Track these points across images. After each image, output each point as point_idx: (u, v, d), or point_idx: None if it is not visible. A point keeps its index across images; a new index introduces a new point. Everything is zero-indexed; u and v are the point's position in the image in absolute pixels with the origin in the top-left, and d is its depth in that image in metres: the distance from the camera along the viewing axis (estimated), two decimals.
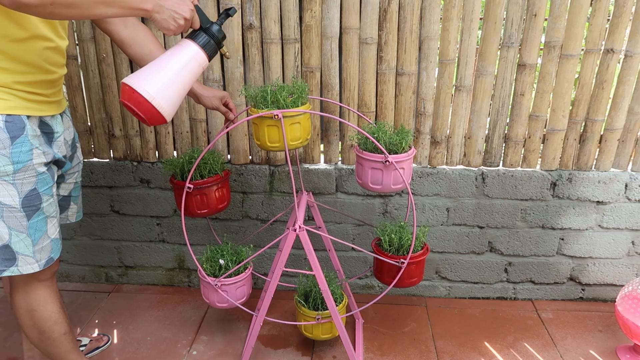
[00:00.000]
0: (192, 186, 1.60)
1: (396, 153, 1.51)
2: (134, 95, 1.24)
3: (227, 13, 1.39)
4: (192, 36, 1.34)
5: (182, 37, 1.51)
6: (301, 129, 1.51)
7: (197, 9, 1.31)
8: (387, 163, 1.47)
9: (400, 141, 1.52)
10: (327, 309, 1.67)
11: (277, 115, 1.44)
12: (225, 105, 1.66)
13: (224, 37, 1.37)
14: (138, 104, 1.25)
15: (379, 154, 1.49)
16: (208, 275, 1.68)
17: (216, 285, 1.64)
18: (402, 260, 1.61)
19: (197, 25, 1.32)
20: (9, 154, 1.22)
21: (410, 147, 1.56)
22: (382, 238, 1.70)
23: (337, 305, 1.65)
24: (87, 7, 1.13)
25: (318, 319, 1.70)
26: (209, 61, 1.37)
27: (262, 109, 1.48)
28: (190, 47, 1.32)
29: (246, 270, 1.72)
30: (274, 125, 1.48)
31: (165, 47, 1.89)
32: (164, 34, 1.87)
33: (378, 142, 1.50)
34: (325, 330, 1.77)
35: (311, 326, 1.76)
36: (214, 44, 1.35)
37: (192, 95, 1.66)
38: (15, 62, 1.21)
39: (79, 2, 1.11)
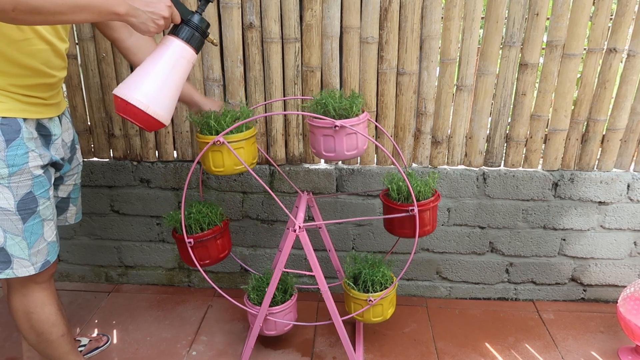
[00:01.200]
0: (192, 240, 1.61)
1: (347, 118, 1.48)
2: (129, 107, 1.21)
3: (206, 0, 1.33)
4: (175, 32, 1.27)
5: (163, 33, 1.47)
6: (245, 154, 1.53)
7: (175, 1, 1.24)
8: (337, 128, 1.44)
9: (350, 105, 1.48)
10: (377, 292, 1.65)
11: (220, 141, 1.45)
12: None
13: (208, 25, 1.31)
14: (134, 115, 1.23)
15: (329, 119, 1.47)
16: (255, 304, 1.72)
17: (266, 315, 1.67)
18: (411, 208, 1.53)
19: (177, 20, 1.26)
20: (4, 157, 1.21)
21: (362, 112, 1.53)
22: (389, 187, 1.62)
23: (387, 288, 1.65)
24: (52, 13, 1.06)
25: (370, 301, 1.63)
26: (197, 54, 1.31)
27: (206, 134, 1.50)
28: (175, 44, 1.26)
29: (292, 297, 1.74)
30: (217, 151, 1.49)
31: None
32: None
33: (327, 107, 1.47)
34: (377, 313, 1.68)
35: (361, 309, 1.68)
36: (198, 36, 1.29)
37: (193, 105, 1.65)
38: (12, 65, 1.19)
39: (44, 8, 1.04)
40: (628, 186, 1.98)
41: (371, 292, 1.65)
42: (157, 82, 1.24)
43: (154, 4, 1.19)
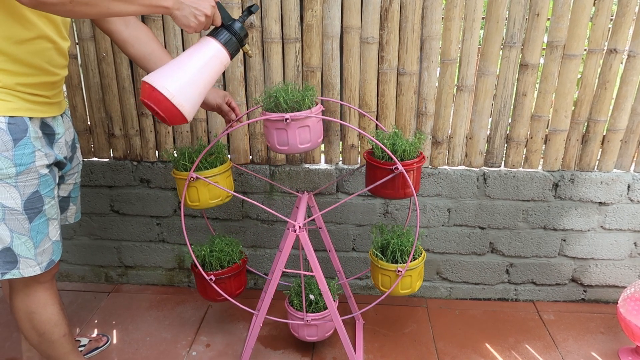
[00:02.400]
0: (213, 277, 1.66)
1: (299, 111, 1.48)
2: (154, 93, 1.23)
3: (249, 10, 1.37)
4: (214, 33, 1.31)
5: (200, 35, 1.49)
6: (219, 188, 1.58)
7: (219, 5, 1.29)
8: (288, 121, 1.45)
9: (302, 98, 1.48)
10: (405, 262, 1.60)
11: (194, 177, 1.51)
12: (228, 104, 1.65)
13: (247, 34, 1.35)
14: (158, 102, 1.23)
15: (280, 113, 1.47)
16: (297, 310, 1.72)
17: (307, 321, 1.67)
18: (395, 166, 1.49)
19: (218, 22, 1.30)
20: (12, 156, 1.21)
21: (316, 104, 1.52)
22: (373, 145, 1.59)
23: (416, 259, 1.62)
24: (106, 5, 1.11)
25: (399, 272, 1.58)
26: (231, 59, 1.34)
27: (182, 170, 1.56)
28: (212, 44, 1.30)
29: (335, 302, 1.70)
30: (192, 186, 1.54)
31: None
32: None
33: (278, 100, 1.47)
34: (405, 285, 1.63)
35: (389, 281, 1.63)
36: (235, 42, 1.33)
37: None
38: (18, 64, 1.20)
39: None
40: (628, 187, 1.98)
41: (400, 263, 1.61)
42: (187, 75, 1.26)
43: (200, 1, 1.23)
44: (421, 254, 1.67)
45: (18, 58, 1.19)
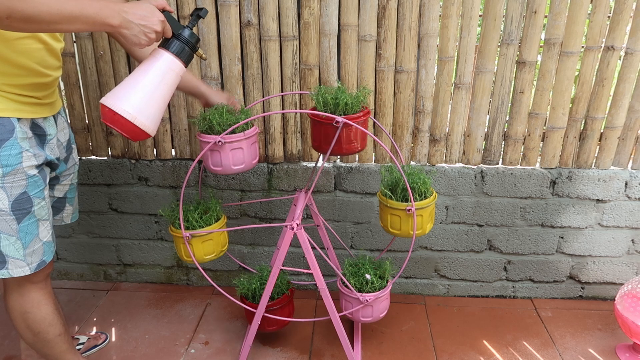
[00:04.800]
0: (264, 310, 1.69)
1: (234, 133, 1.50)
2: (116, 117, 1.22)
3: (197, 15, 1.35)
4: (165, 45, 1.29)
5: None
6: (214, 245, 1.63)
7: (167, 16, 1.27)
8: (220, 143, 1.47)
9: (236, 121, 1.50)
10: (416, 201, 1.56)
11: (188, 236, 1.56)
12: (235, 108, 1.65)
13: (198, 39, 1.34)
14: (121, 125, 1.23)
15: (214, 135, 1.49)
16: (355, 290, 1.68)
17: (366, 301, 1.64)
18: (336, 120, 1.45)
19: (169, 34, 1.28)
20: None
21: (252, 126, 1.55)
22: (315, 99, 1.55)
23: (427, 198, 1.57)
24: (46, 22, 1.07)
25: (409, 210, 1.53)
26: (186, 67, 1.34)
27: (178, 227, 1.60)
28: (165, 57, 1.28)
29: (388, 284, 1.70)
30: (188, 243, 1.59)
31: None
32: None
33: (211, 123, 1.50)
34: (416, 225, 1.57)
35: (399, 222, 1.58)
36: (188, 50, 1.31)
37: (200, 96, 1.64)
38: (6, 64, 1.19)
39: (39, 17, 1.06)
40: (626, 184, 1.98)
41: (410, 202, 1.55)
42: (145, 94, 1.25)
43: (148, 17, 1.20)
44: (432, 193, 1.60)
45: (6, 58, 1.18)
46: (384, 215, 1.64)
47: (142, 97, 1.25)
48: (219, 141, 1.46)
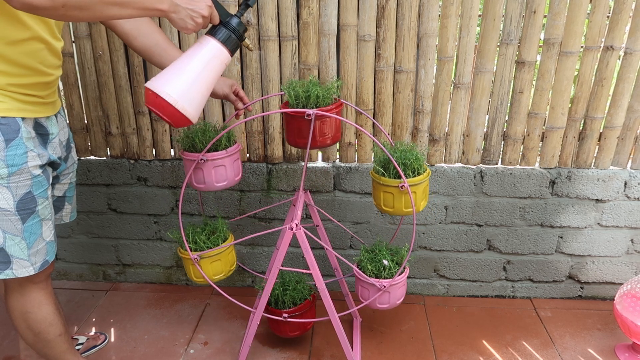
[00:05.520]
0: (287, 315, 1.71)
1: (216, 150, 1.53)
2: (158, 100, 1.23)
3: (246, 4, 1.36)
4: (212, 32, 1.30)
5: (198, 34, 1.50)
6: (222, 265, 1.65)
7: (215, 2, 1.28)
8: (202, 161, 1.50)
9: (219, 139, 1.54)
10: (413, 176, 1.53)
11: (196, 258, 1.58)
12: (236, 93, 1.64)
13: (245, 29, 1.34)
14: (162, 108, 1.24)
15: (196, 153, 1.52)
16: (370, 276, 1.67)
17: (383, 287, 1.62)
18: (307, 113, 1.44)
19: (216, 20, 1.29)
20: (4, 157, 1.21)
21: (234, 143, 1.58)
22: (287, 92, 1.54)
23: (420, 174, 1.54)
24: (99, 9, 1.11)
25: (402, 187, 1.49)
26: (232, 56, 1.34)
27: (185, 251, 1.62)
28: (211, 44, 1.29)
29: (406, 270, 1.67)
30: (197, 264, 1.61)
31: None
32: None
33: (194, 141, 1.54)
34: (409, 202, 1.52)
35: (392, 199, 1.54)
36: (235, 39, 1.32)
37: None
38: (11, 65, 1.19)
39: (91, 3, 1.09)
40: (625, 184, 1.98)
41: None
42: (188, 79, 1.26)
43: (196, 2, 1.22)
44: (425, 170, 1.57)
45: (10, 59, 1.19)
46: (376, 193, 1.60)
47: (185, 82, 1.25)
48: (202, 159, 1.49)
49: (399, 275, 1.63)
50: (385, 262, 1.64)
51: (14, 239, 1.28)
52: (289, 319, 1.70)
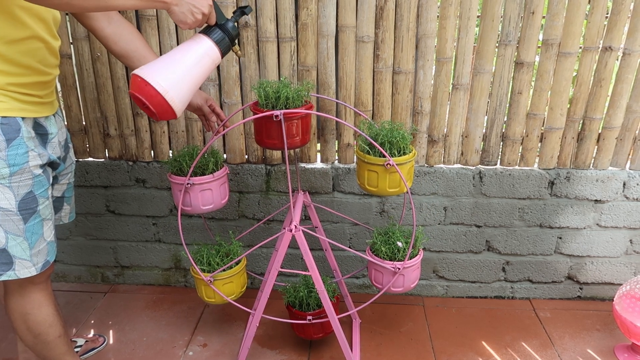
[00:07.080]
0: (311, 317, 1.72)
1: (202, 175, 1.58)
2: (146, 88, 1.22)
3: (242, 10, 1.38)
4: (207, 32, 1.32)
5: (195, 31, 1.50)
6: (234, 286, 1.68)
7: (214, 4, 1.30)
8: (189, 185, 1.54)
9: (205, 163, 1.59)
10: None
11: (210, 279, 1.62)
12: (212, 108, 1.64)
13: (238, 34, 1.36)
14: (150, 97, 1.23)
15: (183, 176, 1.56)
16: (384, 259, 1.61)
17: (398, 269, 1.57)
18: (276, 114, 1.44)
19: (213, 20, 1.31)
20: (5, 157, 1.21)
21: (222, 167, 1.62)
22: (257, 92, 1.53)
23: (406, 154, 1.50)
24: (105, 0, 1.13)
25: (387, 165, 1.44)
26: (222, 58, 1.35)
27: (197, 274, 1.65)
28: (205, 42, 1.31)
29: (419, 252, 1.64)
30: (207, 285, 1.65)
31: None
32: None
33: (181, 165, 1.58)
34: (394, 182, 1.48)
35: (377, 179, 1.50)
36: (228, 41, 1.34)
37: None
38: (10, 64, 1.20)
39: None
40: (624, 184, 1.98)
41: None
42: (180, 71, 1.26)
43: None
44: (412, 150, 1.54)
45: (10, 58, 1.19)
46: (361, 171, 1.56)
47: (176, 73, 1.26)
48: (189, 183, 1.52)
49: (415, 257, 1.61)
50: (400, 243, 1.62)
51: (16, 239, 1.27)
52: (313, 321, 1.70)
